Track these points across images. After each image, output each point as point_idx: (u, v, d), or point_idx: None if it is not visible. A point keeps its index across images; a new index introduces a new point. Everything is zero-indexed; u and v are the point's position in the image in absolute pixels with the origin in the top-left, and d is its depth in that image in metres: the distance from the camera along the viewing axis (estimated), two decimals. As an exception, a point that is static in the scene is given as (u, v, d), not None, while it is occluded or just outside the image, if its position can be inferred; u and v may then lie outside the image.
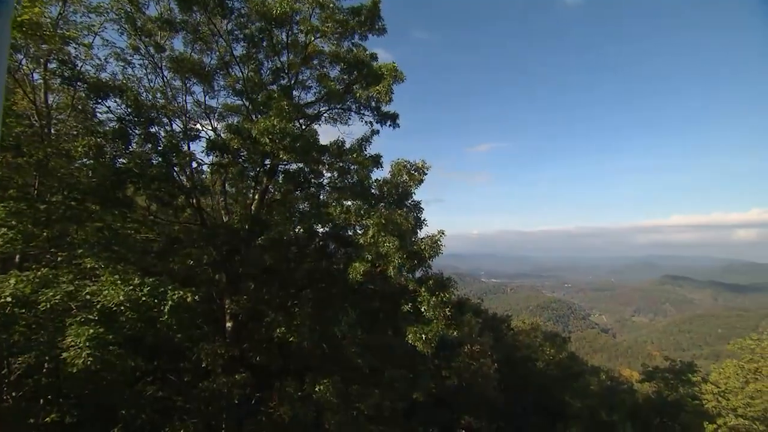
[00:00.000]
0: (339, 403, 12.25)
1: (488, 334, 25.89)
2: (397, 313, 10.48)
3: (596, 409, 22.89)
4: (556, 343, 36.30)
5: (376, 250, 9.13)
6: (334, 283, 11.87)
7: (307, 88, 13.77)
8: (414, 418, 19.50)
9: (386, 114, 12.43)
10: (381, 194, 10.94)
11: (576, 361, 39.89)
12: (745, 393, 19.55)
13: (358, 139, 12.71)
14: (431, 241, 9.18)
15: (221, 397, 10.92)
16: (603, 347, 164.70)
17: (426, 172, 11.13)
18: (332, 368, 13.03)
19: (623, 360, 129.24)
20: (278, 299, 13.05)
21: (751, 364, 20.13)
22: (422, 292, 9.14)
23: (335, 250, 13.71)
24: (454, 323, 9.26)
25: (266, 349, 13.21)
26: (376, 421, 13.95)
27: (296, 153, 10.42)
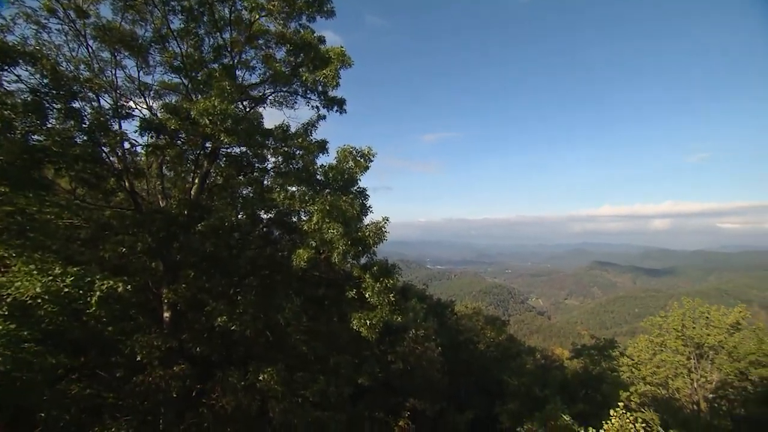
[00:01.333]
0: (284, 391, 12.17)
1: (433, 319, 26.80)
2: (342, 299, 10.55)
3: (531, 386, 24.58)
4: (496, 326, 38.49)
5: (321, 237, 9.08)
6: (279, 270, 11.67)
7: (252, 69, 13.19)
8: (360, 402, 19.82)
9: (333, 99, 12.27)
10: (326, 180, 10.82)
11: (514, 343, 42.57)
12: (653, 363, 22.09)
13: (304, 124, 12.47)
14: (376, 228, 9.28)
15: (158, 391, 10.44)
16: (539, 329, 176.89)
17: (372, 159, 11.15)
18: (277, 356, 12.90)
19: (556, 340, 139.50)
20: (220, 287, 12.61)
21: (658, 338, 22.70)
22: (367, 279, 9.26)
23: (280, 236, 13.45)
24: (398, 309, 9.48)
25: (207, 338, 12.76)
26: (322, 407, 14.03)
27: (239, 136, 10.01)
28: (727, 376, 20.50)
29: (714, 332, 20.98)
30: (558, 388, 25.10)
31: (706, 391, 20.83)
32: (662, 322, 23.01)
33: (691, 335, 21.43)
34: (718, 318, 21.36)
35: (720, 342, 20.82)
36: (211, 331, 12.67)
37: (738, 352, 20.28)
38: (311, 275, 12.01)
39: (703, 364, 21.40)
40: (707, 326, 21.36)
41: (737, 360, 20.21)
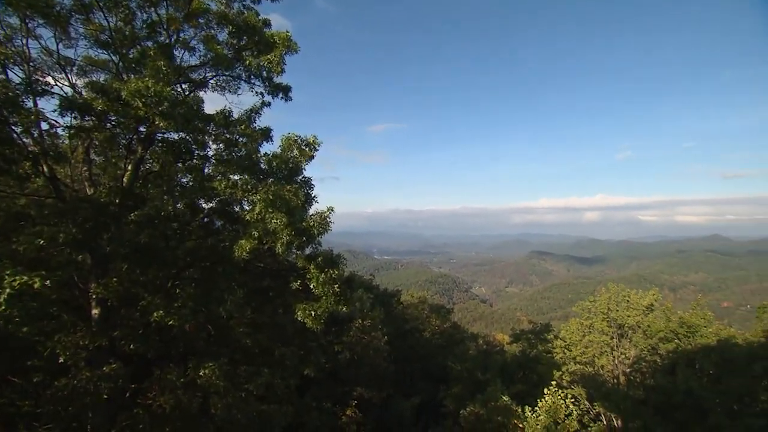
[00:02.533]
0: (227, 386, 11.83)
1: (379, 309, 27.18)
2: (287, 290, 10.40)
3: (473, 371, 25.80)
4: (441, 314, 39.88)
5: (264, 227, 8.85)
6: (220, 262, 11.24)
7: (192, 50, 12.41)
8: (307, 393, 19.76)
9: (278, 86, 11.90)
10: (270, 169, 10.51)
11: (458, 330, 44.34)
12: (582, 344, 24.07)
13: (247, 111, 11.96)
14: (320, 218, 9.20)
15: (85, 395, 9.71)
16: (482, 316, 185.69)
17: (317, 149, 10.99)
18: (219, 350, 12.48)
19: (498, 326, 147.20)
20: (158, 280, 11.93)
21: (587, 321, 24.76)
22: (311, 269, 9.18)
23: (222, 226, 12.94)
24: (343, 299, 9.50)
25: (143, 335, 12.05)
26: (268, 400, 13.82)
27: (176, 121, 9.43)
28: (641, 352, 22.88)
29: (633, 314, 23.28)
30: (498, 371, 26.56)
31: (625, 366, 23.09)
32: (591, 306, 25.09)
33: (615, 317, 23.60)
34: (636, 301, 23.69)
35: (637, 322, 23.16)
36: (147, 327, 11.98)
37: (651, 330, 22.67)
38: (255, 266, 11.69)
39: (624, 342, 23.66)
40: (628, 309, 23.63)
41: (650, 337, 22.60)
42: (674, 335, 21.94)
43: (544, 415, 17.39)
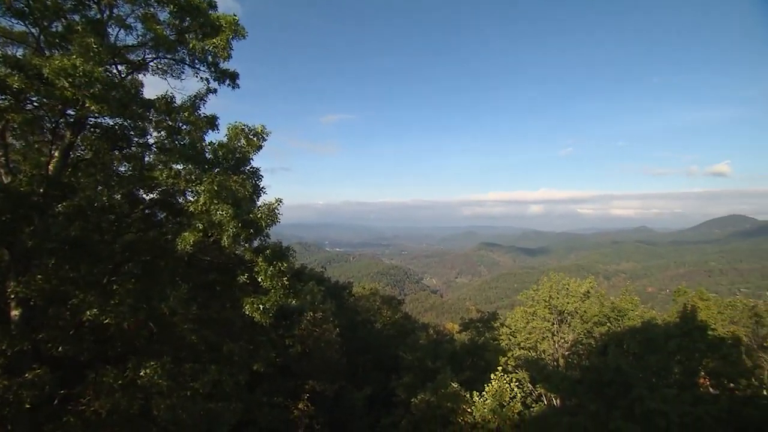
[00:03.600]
0: (171, 385, 11.28)
1: (331, 301, 27.08)
2: (234, 284, 10.06)
3: (424, 360, 26.41)
4: (392, 306, 40.48)
5: (209, 219, 8.47)
6: (163, 256, 10.64)
7: (128, 29, 11.50)
8: (258, 389, 19.35)
9: (225, 72, 11.32)
10: (216, 159, 10.04)
11: (409, 320, 45.23)
12: (526, 330, 25.48)
13: (191, 97, 11.30)
14: (268, 210, 8.93)
15: (3, 405, 8.85)
16: (432, 306, 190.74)
17: (265, 138, 10.65)
18: (162, 348, 11.87)
19: (448, 316, 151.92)
20: (92, 276, 11.07)
21: (530, 309, 26.23)
22: (259, 262, 8.92)
23: (165, 219, 12.24)
24: (292, 292, 9.34)
25: (74, 336, 11.18)
26: (216, 397, 13.36)
27: (110, 105, 8.72)
28: (578, 336, 24.64)
29: (572, 300, 24.95)
30: (448, 359, 27.37)
31: (564, 350, 24.76)
32: (534, 295, 26.56)
33: (556, 304, 25.16)
34: (575, 289, 25.40)
35: (575, 308, 24.87)
36: (80, 327, 11.13)
37: (587, 315, 24.45)
38: (200, 260, 11.18)
39: (563, 327, 25.33)
40: (567, 296, 25.28)
41: (586, 322, 24.38)
42: (607, 319, 23.81)
43: (490, 399, 18.23)
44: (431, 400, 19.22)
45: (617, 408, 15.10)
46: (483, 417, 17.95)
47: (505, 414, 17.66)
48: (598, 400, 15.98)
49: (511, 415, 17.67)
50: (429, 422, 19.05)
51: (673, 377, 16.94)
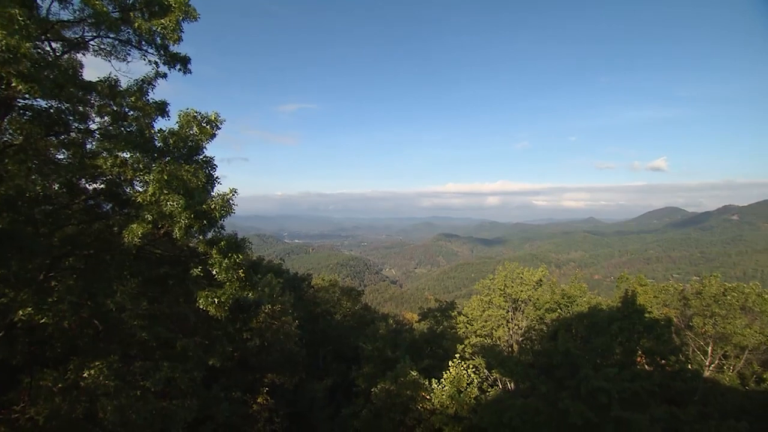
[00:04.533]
0: (118, 386, 10.73)
1: (289, 293, 26.76)
2: (188, 277, 9.65)
3: (384, 349, 26.75)
4: (352, 297, 40.59)
5: (159, 210, 8.04)
6: (108, 249, 10.01)
7: (64, 2, 10.57)
8: (215, 384, 18.85)
9: (175, 56, 10.66)
10: (166, 147, 9.49)
11: (369, 311, 45.55)
12: (482, 318, 26.39)
13: (138, 81, 10.58)
14: (223, 200, 8.57)
15: None
16: (392, 297, 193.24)
17: (219, 126, 10.17)
18: (109, 347, 11.24)
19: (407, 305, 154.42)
20: (25, 273, 10.22)
21: (486, 297, 27.14)
22: (214, 255, 8.58)
23: (111, 210, 11.48)
24: (249, 284, 9.08)
25: (5, 338, 10.32)
26: (170, 395, 12.88)
27: (43, 85, 8.02)
28: (531, 322, 25.85)
29: (525, 288, 26.04)
30: (407, 348, 27.90)
31: (518, 336, 25.90)
32: (490, 284, 27.48)
33: (510, 293, 26.17)
34: (528, 277, 26.52)
35: (529, 296, 26.00)
36: (11, 329, 10.29)
37: (539, 303, 25.66)
38: (150, 253, 10.63)
39: (517, 315, 26.44)
40: (521, 284, 26.35)
41: (538, 309, 25.59)
42: (557, 306, 25.10)
43: (448, 386, 18.81)
44: (391, 389, 19.54)
45: (566, 388, 16.05)
46: (441, 403, 18.51)
47: (462, 399, 18.30)
48: (549, 382, 16.91)
49: (468, 399, 18.34)
50: (389, 410, 19.38)
51: (614, 357, 18.22)
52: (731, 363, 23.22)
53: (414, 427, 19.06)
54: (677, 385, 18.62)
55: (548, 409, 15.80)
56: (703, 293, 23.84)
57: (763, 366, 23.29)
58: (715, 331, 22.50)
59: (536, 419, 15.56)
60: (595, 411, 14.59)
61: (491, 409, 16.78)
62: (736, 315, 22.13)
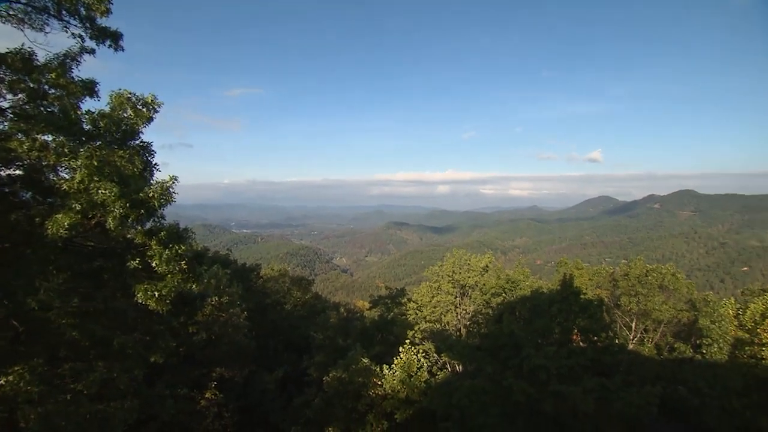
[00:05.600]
0: (44, 391, 9.89)
1: (238, 284, 25.98)
2: (125, 270, 8.98)
3: (335, 338, 26.77)
4: (302, 286, 40.22)
5: (89, 199, 7.36)
6: (29, 242, 9.06)
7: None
8: (159, 382, 17.97)
9: (104, 30, 9.59)
10: (96, 130, 8.67)
11: (320, 300, 45.36)
12: (432, 304, 27.17)
13: (59, 55, 9.48)
14: (162, 188, 7.98)
15: None
16: (343, 285, 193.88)
17: (157, 110, 9.43)
18: (31, 350, 10.29)
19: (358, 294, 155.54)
20: None
21: (435, 284, 27.94)
22: (153, 246, 8.03)
23: (32, 199, 10.39)
24: (192, 276, 8.63)
25: None
26: (108, 397, 12.09)
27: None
28: (478, 307, 26.98)
29: (472, 274, 27.09)
30: (358, 336, 28.10)
31: (465, 320, 26.96)
32: (439, 270, 28.28)
33: (458, 279, 27.10)
34: (475, 263, 27.59)
35: (476, 282, 27.08)
36: None
37: (485, 288, 26.81)
38: (81, 245, 9.76)
39: (465, 300, 27.48)
40: (468, 270, 27.37)
41: (485, 293, 26.73)
42: (502, 290, 26.36)
43: (399, 371, 19.21)
44: (343, 377, 19.64)
45: (510, 368, 16.98)
46: (393, 388, 18.89)
47: (413, 383, 18.79)
48: (494, 363, 17.80)
49: (418, 383, 18.86)
50: (341, 398, 19.49)
51: (553, 337, 19.51)
52: (650, 336, 25.78)
53: (366, 413, 19.33)
54: (606, 359, 20.31)
55: (494, 389, 16.66)
56: (629, 275, 26.17)
57: (674, 337, 26.09)
58: (638, 308, 24.81)
59: (482, 399, 16.36)
60: (536, 387, 15.60)
61: (441, 391, 17.40)
62: (655, 293, 24.54)
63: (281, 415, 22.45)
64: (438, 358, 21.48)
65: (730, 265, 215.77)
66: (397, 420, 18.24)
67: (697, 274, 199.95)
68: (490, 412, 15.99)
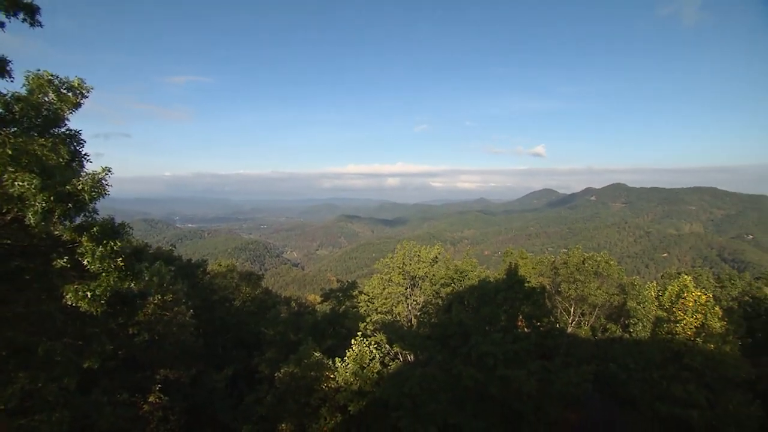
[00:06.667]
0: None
1: (183, 281, 24.77)
2: (50, 270, 8.21)
3: (286, 333, 26.35)
4: (251, 281, 39.16)
5: (3, 192, 6.61)
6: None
7: None
8: (96, 389, 16.77)
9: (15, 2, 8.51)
10: (10, 115, 7.76)
11: (270, 295, 44.40)
12: (383, 296, 27.48)
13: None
14: (93, 180, 7.31)
15: None
16: (294, 279, 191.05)
17: (85, 95, 8.58)
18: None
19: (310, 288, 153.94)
20: None
21: (386, 276, 28.25)
22: (84, 242, 7.39)
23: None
24: (130, 274, 8.05)
25: None
26: (33, 410, 11.05)
27: None
28: (428, 297, 27.65)
29: (422, 266, 27.68)
30: (310, 330, 27.85)
31: (416, 311, 27.55)
32: (389, 262, 28.61)
33: (408, 270, 27.58)
34: (425, 255, 28.19)
35: (426, 273, 27.69)
36: None
37: (435, 278, 27.51)
38: (-5, 244, 8.78)
39: (415, 291, 28.04)
40: (418, 262, 27.92)
41: (434, 284, 27.45)
42: (451, 280, 27.17)
43: (352, 363, 19.29)
44: (295, 372, 19.41)
45: (459, 355, 17.62)
46: (345, 380, 18.95)
47: (365, 375, 18.95)
48: (444, 351, 18.39)
49: (371, 375, 19.06)
50: (294, 393, 19.28)
51: (500, 324, 20.47)
52: (587, 319, 27.82)
53: (319, 407, 19.26)
54: (548, 342, 21.70)
55: (444, 376, 17.22)
56: (568, 263, 27.98)
57: (607, 319, 28.37)
58: (576, 294, 26.64)
59: (433, 386, 16.86)
60: (484, 372, 16.34)
61: (393, 381, 17.71)
62: (591, 279, 26.48)
63: (232, 414, 21.82)
64: (390, 348, 21.80)
65: (653, 252, 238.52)
66: (350, 412, 18.34)
67: (626, 261, 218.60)
68: (440, 399, 16.54)
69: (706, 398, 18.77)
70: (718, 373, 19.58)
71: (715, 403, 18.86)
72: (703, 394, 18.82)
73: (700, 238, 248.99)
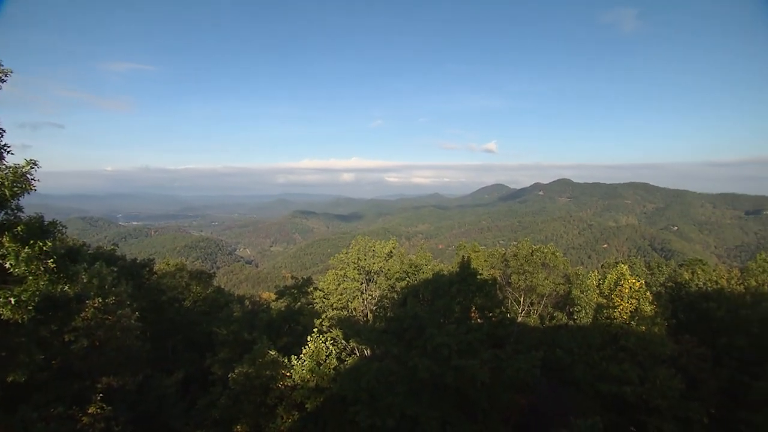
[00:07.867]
0: None
1: (127, 282, 23.31)
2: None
3: (240, 332, 25.62)
4: (202, 280, 37.73)
5: None
6: None
7: None
8: (26, 404, 15.39)
9: None
10: None
11: (222, 294, 43.00)
12: (338, 292, 27.42)
13: None
14: (14, 175, 6.60)
15: None
16: (248, 277, 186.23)
17: (4, 79, 7.74)
18: None
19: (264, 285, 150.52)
20: None
21: (341, 271, 28.22)
22: (6, 243, 6.70)
23: None
24: (63, 277, 7.43)
25: None
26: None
27: None
28: (384, 291, 27.93)
29: (377, 261, 27.88)
30: (265, 328, 27.27)
31: (372, 305, 27.71)
32: (344, 258, 28.58)
33: (363, 265, 27.68)
34: (380, 250, 28.42)
35: (381, 267, 27.92)
36: None
37: (390, 273, 27.82)
38: None
39: (371, 286, 28.20)
40: (373, 257, 28.09)
41: (389, 279, 27.76)
42: (406, 275, 27.60)
43: (308, 360, 19.12)
44: (250, 372, 18.96)
45: (415, 348, 17.96)
46: (302, 378, 18.77)
47: (322, 371, 18.86)
48: (400, 344, 18.66)
49: (327, 371, 19.00)
50: (249, 394, 18.83)
51: (454, 315, 21.10)
52: (535, 308, 29.32)
53: (276, 406, 18.93)
54: (500, 332, 22.68)
55: (400, 369, 17.50)
56: (518, 255, 29.28)
57: (554, 307, 30.08)
58: (526, 284, 27.97)
59: (390, 379, 17.10)
60: (439, 363, 16.77)
61: (350, 376, 17.75)
62: (539, 270, 27.90)
63: (184, 419, 20.89)
64: (346, 344, 21.82)
65: (595, 243, 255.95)
66: (307, 409, 18.20)
67: (571, 252, 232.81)
68: (397, 391, 16.80)
69: (638, 375, 20.56)
70: (648, 352, 21.49)
71: (645, 379, 20.69)
72: (635, 371, 20.60)
73: (635, 230, 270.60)
